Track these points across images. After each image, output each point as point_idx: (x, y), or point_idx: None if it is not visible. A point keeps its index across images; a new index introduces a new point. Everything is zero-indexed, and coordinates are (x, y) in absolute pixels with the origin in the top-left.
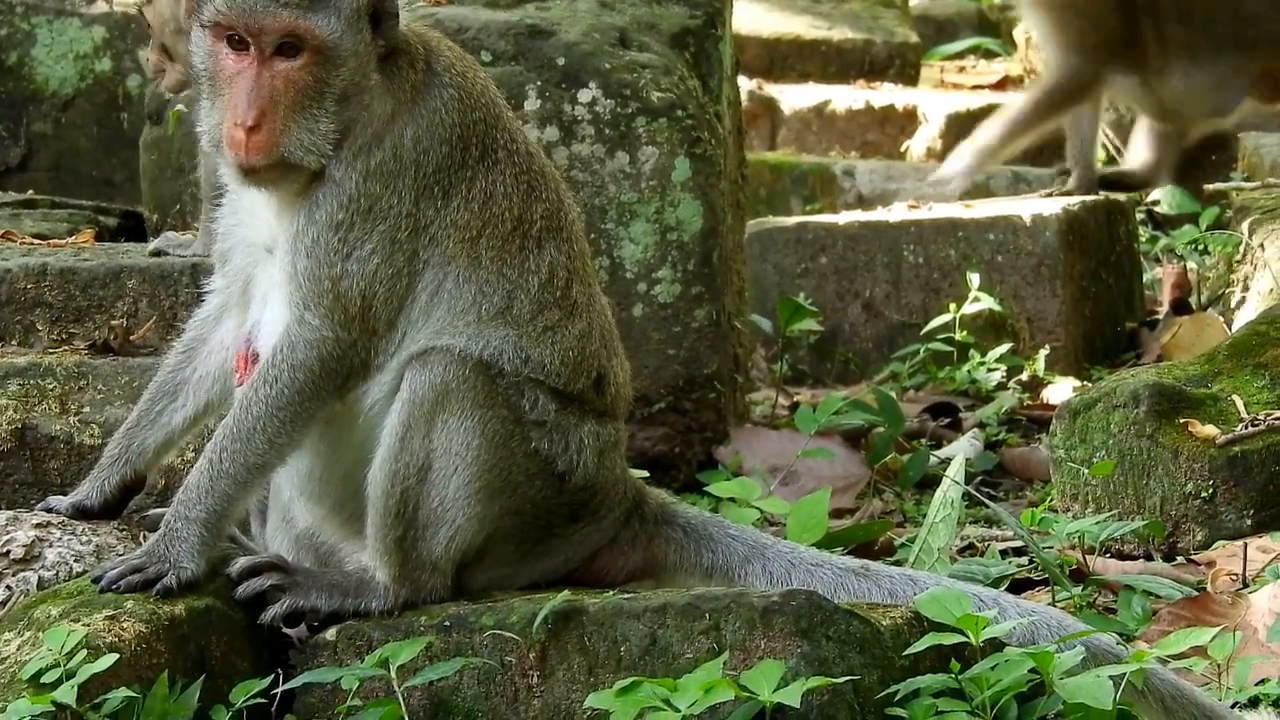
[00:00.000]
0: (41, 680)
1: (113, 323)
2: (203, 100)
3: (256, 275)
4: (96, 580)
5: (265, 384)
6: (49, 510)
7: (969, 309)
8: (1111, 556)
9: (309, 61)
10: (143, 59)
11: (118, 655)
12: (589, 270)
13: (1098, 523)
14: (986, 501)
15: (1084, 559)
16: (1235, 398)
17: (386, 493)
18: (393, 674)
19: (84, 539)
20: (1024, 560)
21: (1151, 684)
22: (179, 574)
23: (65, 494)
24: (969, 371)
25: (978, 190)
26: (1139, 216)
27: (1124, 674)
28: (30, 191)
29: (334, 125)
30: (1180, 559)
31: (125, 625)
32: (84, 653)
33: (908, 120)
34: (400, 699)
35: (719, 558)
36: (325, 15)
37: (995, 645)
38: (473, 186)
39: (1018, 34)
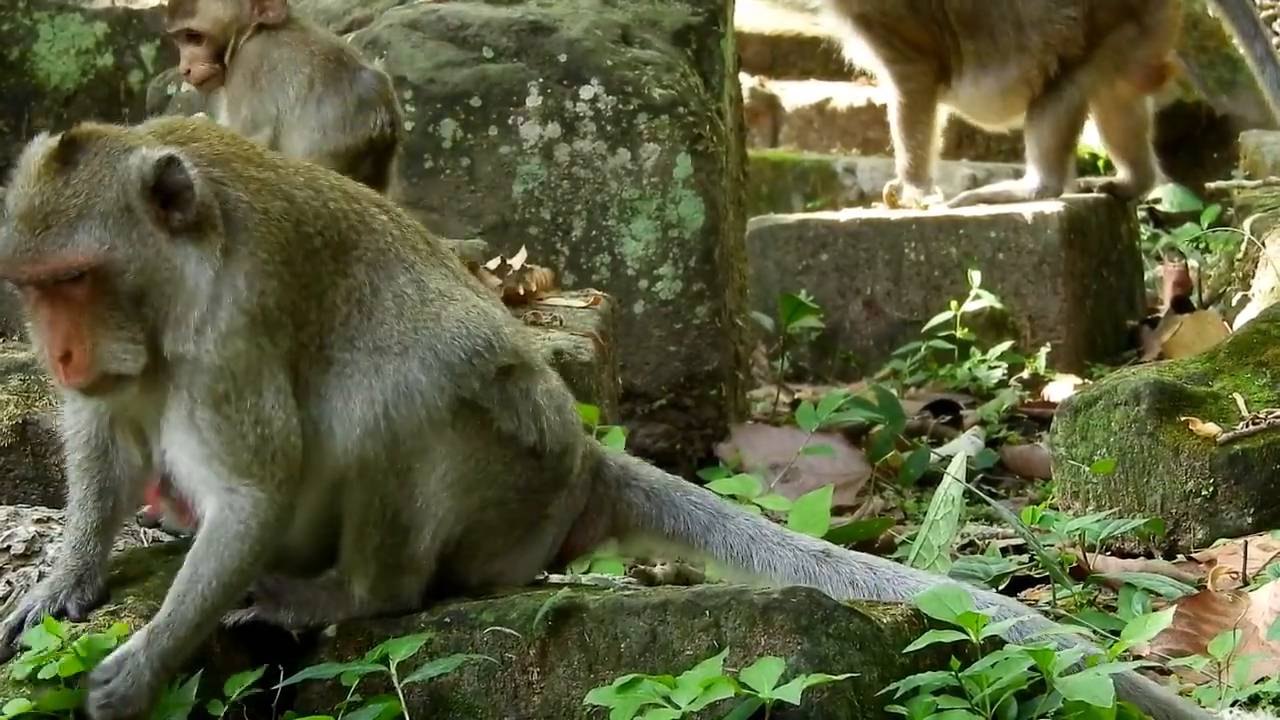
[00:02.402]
0: (39, 675)
1: None
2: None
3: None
4: None
5: (213, 558)
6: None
7: (970, 306)
8: (1112, 554)
9: (91, 281)
10: (146, 56)
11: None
12: (422, 248)
13: (1098, 520)
14: (987, 499)
15: (1084, 557)
16: (1236, 396)
17: (365, 503)
18: (393, 670)
19: None
20: (1025, 558)
21: None
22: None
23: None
24: (970, 369)
25: (978, 187)
26: (1140, 214)
27: (1126, 672)
28: None
29: (140, 324)
30: (1181, 557)
31: (126, 621)
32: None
33: None
34: (400, 695)
35: (680, 524)
36: (87, 231)
37: (995, 643)
38: (324, 298)
39: None
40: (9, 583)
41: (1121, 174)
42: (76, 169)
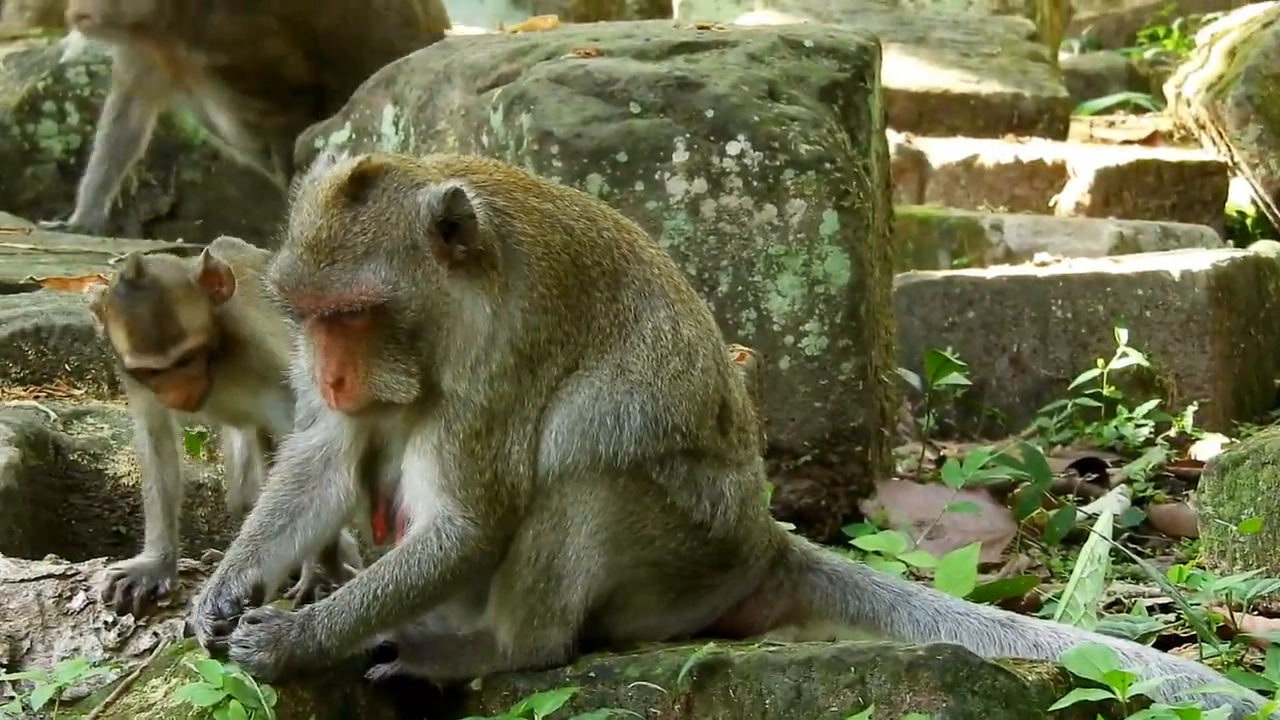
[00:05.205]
0: None
1: None
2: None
3: (378, 429)
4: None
5: (400, 566)
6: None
7: (1117, 364)
8: (1260, 614)
9: (371, 315)
10: None
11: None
12: (683, 290)
13: (1246, 579)
14: (1134, 557)
15: (1231, 616)
16: None
17: (517, 536)
18: None
19: None
20: (1171, 617)
21: None
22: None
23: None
24: (1116, 427)
25: (1125, 245)
26: None
27: None
28: (180, 240)
29: (416, 358)
30: None
31: None
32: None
33: (1056, 175)
34: None
35: (865, 605)
36: (373, 269)
37: (1142, 701)
38: (592, 323)
39: (1168, 89)
40: (156, 634)
41: None
42: (365, 205)
